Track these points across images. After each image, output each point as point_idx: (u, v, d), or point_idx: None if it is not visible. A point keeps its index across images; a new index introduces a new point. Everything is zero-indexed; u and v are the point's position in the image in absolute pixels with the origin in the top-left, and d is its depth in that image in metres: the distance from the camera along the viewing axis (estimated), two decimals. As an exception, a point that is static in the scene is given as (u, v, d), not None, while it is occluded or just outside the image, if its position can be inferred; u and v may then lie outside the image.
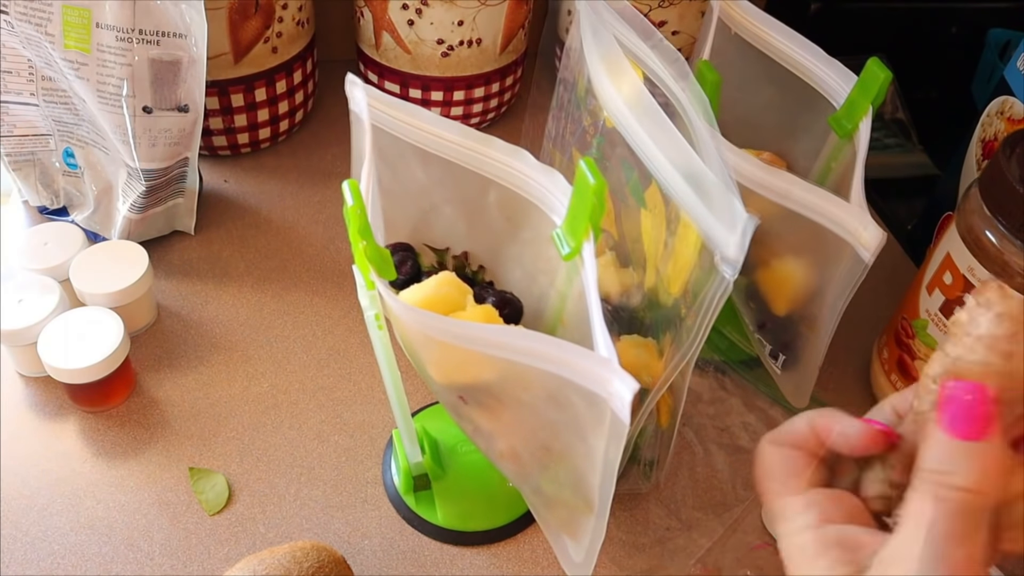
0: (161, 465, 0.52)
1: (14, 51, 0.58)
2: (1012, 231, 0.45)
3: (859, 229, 0.44)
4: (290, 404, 0.56)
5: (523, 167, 0.42)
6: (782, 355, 0.55)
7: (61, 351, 0.51)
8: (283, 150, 0.76)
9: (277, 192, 0.71)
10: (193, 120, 0.61)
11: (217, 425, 0.54)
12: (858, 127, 0.49)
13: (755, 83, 0.54)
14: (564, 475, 0.39)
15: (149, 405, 0.55)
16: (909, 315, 0.54)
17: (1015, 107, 0.60)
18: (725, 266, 0.36)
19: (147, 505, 0.49)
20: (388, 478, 0.52)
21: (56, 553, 0.47)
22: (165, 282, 0.63)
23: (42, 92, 0.60)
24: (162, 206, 0.64)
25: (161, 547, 0.48)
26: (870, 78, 0.48)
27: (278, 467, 0.52)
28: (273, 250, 0.66)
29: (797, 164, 0.57)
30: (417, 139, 0.44)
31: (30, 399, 0.54)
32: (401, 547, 0.49)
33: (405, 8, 0.69)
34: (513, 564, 0.49)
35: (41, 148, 0.64)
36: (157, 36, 0.57)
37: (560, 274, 0.42)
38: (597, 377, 0.31)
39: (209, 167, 0.72)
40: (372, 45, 0.73)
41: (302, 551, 0.43)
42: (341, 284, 0.63)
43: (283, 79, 0.71)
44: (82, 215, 0.65)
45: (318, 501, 0.51)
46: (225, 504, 0.50)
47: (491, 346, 0.33)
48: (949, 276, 0.50)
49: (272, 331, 0.60)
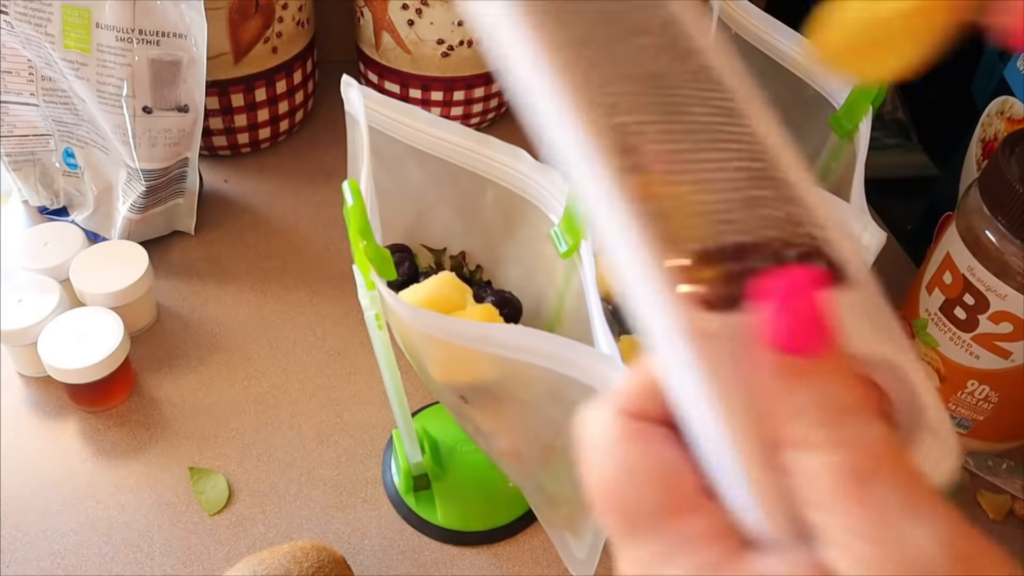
0: (161, 465, 0.52)
1: (14, 51, 0.58)
2: (1012, 231, 0.45)
3: (859, 230, 0.44)
4: (290, 404, 0.56)
5: (521, 166, 0.42)
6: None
7: (61, 351, 0.51)
8: (283, 150, 0.76)
9: (277, 192, 0.71)
10: (193, 120, 0.61)
11: (217, 425, 0.54)
12: (858, 127, 0.49)
13: (755, 83, 0.54)
14: (566, 472, 0.39)
15: (149, 405, 0.55)
16: (909, 315, 0.54)
17: (1015, 107, 0.60)
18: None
19: (147, 505, 0.49)
20: (388, 478, 0.52)
21: (56, 553, 0.47)
22: (165, 282, 0.63)
23: (42, 92, 0.60)
24: (162, 206, 0.64)
25: (161, 547, 0.48)
26: (870, 78, 0.48)
27: (278, 467, 0.52)
28: (273, 250, 0.66)
29: (797, 164, 0.57)
30: (414, 140, 0.44)
31: (30, 399, 0.54)
32: (401, 547, 0.49)
33: (405, 8, 0.69)
34: (513, 564, 0.49)
35: (41, 148, 0.64)
36: (157, 36, 0.57)
37: (558, 273, 0.42)
38: (600, 374, 0.31)
39: (209, 167, 0.72)
40: (372, 45, 0.73)
41: (302, 551, 0.43)
42: (341, 284, 0.63)
43: (283, 79, 0.71)
44: (82, 215, 0.65)
45: (318, 501, 0.51)
46: (225, 504, 0.50)
47: (494, 344, 0.33)
48: (949, 276, 0.50)
49: (272, 331, 0.60)
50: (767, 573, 0.15)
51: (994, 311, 0.48)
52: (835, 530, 0.15)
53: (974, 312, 0.49)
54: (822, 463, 0.15)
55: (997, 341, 0.49)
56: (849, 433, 0.15)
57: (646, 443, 0.17)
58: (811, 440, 0.15)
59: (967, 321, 0.49)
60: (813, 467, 0.15)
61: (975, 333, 0.49)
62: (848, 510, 0.15)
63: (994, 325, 0.48)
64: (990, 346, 0.49)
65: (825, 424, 0.15)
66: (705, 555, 0.16)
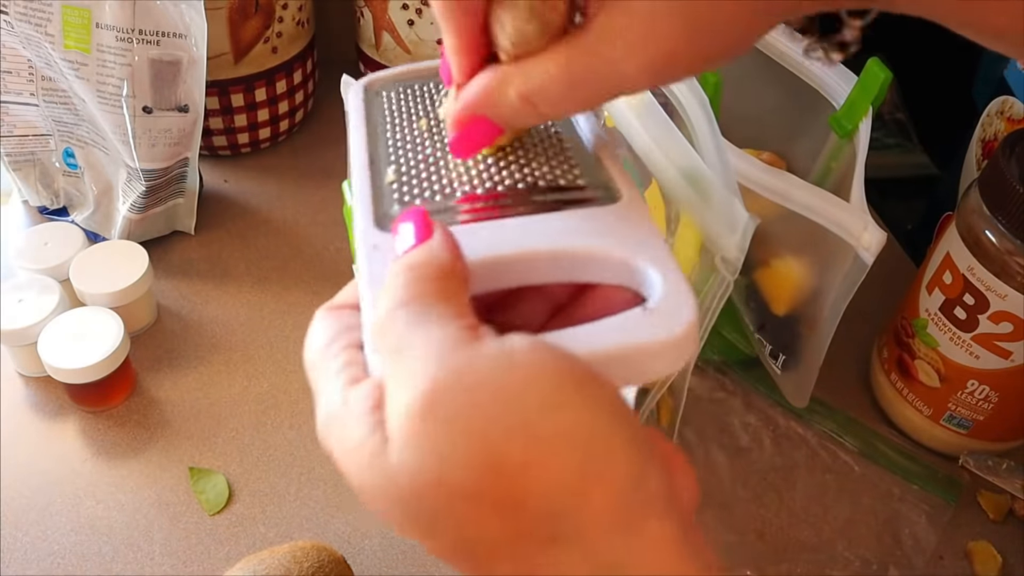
0: (161, 465, 0.52)
1: (14, 51, 0.58)
2: (1012, 231, 0.45)
3: (859, 230, 0.44)
4: (290, 404, 0.56)
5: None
6: (782, 355, 0.55)
7: (61, 351, 0.51)
8: (283, 150, 0.76)
9: (277, 192, 0.71)
10: (193, 120, 0.61)
11: (217, 425, 0.54)
12: (858, 127, 0.49)
13: (755, 83, 0.54)
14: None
15: (149, 405, 0.55)
16: (909, 315, 0.54)
17: (1015, 107, 0.60)
18: (725, 266, 0.36)
19: (147, 505, 0.49)
20: (388, 478, 0.52)
21: (56, 553, 0.47)
22: (165, 282, 0.63)
23: (42, 92, 0.60)
24: (162, 206, 0.64)
25: (161, 547, 0.48)
26: (870, 78, 0.48)
27: (278, 467, 0.52)
28: (273, 250, 0.66)
29: (797, 164, 0.57)
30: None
31: (30, 399, 0.54)
32: (401, 547, 0.49)
33: (405, 8, 0.69)
34: (513, 564, 0.49)
35: (41, 148, 0.64)
36: (157, 36, 0.57)
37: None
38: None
39: (209, 167, 0.72)
40: (372, 45, 0.73)
41: (302, 551, 0.43)
42: (341, 284, 0.62)
43: (283, 79, 0.71)
44: (82, 215, 0.65)
45: (318, 501, 0.51)
46: (225, 504, 0.50)
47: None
48: (949, 276, 0.50)
49: (272, 331, 0.60)
50: (355, 395, 0.22)
51: (994, 311, 0.48)
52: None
53: (974, 312, 0.49)
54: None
55: (997, 341, 0.49)
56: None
57: (335, 313, 0.26)
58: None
59: (967, 321, 0.49)
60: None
61: (975, 333, 0.49)
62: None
63: (994, 325, 0.48)
64: (990, 346, 0.49)
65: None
66: (334, 383, 0.23)
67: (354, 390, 0.22)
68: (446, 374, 0.20)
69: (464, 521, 0.20)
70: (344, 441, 0.22)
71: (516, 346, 0.20)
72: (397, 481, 0.20)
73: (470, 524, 0.20)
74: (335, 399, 0.23)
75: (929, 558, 0.51)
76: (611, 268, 0.25)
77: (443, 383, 0.20)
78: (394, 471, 0.20)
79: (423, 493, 0.20)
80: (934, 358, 0.52)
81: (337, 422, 0.22)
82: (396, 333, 0.21)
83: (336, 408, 0.22)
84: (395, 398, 0.20)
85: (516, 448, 0.19)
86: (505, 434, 0.19)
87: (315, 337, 0.25)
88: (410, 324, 0.21)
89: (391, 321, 0.22)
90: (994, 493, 0.54)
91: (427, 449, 0.19)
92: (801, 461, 0.55)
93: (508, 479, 0.19)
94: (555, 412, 0.19)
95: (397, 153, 0.30)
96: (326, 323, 0.25)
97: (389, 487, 0.20)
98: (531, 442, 0.19)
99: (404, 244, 0.23)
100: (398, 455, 0.20)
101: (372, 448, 0.20)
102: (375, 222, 0.27)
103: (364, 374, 0.23)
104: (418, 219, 0.24)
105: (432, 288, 0.22)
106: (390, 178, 0.28)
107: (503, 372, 0.20)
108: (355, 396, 0.22)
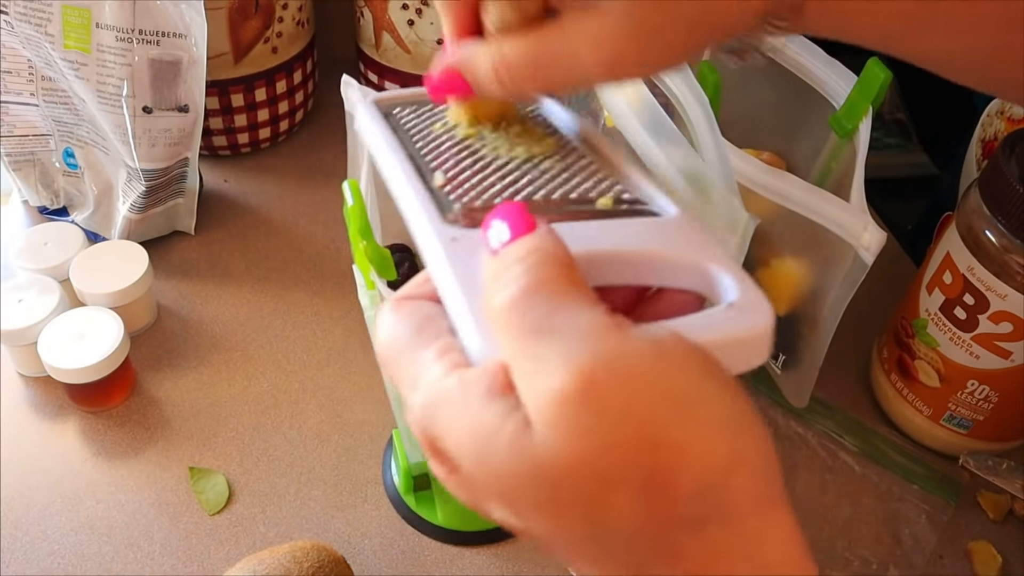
0: (161, 465, 0.52)
1: (14, 51, 0.58)
2: (1012, 231, 0.45)
3: (859, 230, 0.44)
4: (290, 404, 0.56)
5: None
6: (782, 355, 0.55)
7: (61, 351, 0.51)
8: (283, 150, 0.76)
9: (277, 192, 0.71)
10: (193, 120, 0.61)
11: (217, 425, 0.54)
12: (858, 127, 0.49)
13: (755, 83, 0.54)
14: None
15: (149, 405, 0.55)
16: (909, 315, 0.54)
17: (1015, 107, 0.60)
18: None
19: (147, 505, 0.49)
20: (388, 478, 0.52)
21: (56, 553, 0.47)
22: (165, 282, 0.63)
23: (42, 92, 0.60)
24: (162, 206, 0.64)
25: (161, 547, 0.48)
26: (870, 78, 0.48)
27: (278, 467, 0.52)
28: (273, 250, 0.66)
29: (797, 164, 0.57)
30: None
31: (30, 399, 0.54)
32: (401, 547, 0.49)
33: (405, 8, 0.69)
34: (513, 564, 0.49)
35: (41, 148, 0.64)
36: (157, 36, 0.57)
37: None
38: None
39: (209, 167, 0.72)
40: (372, 45, 0.73)
41: (302, 551, 0.43)
42: (341, 284, 0.63)
43: (283, 79, 0.71)
44: (82, 215, 0.65)
45: (318, 501, 0.51)
46: (225, 504, 0.50)
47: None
48: (949, 276, 0.50)
49: (272, 331, 0.60)
50: (471, 377, 0.22)
51: (994, 311, 0.48)
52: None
53: (974, 312, 0.49)
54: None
55: (997, 341, 0.49)
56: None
57: (411, 303, 0.25)
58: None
59: (967, 321, 0.49)
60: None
61: (975, 333, 0.49)
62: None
63: (994, 325, 0.48)
64: (990, 346, 0.49)
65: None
66: (434, 369, 0.22)
67: (467, 373, 0.22)
68: (600, 359, 0.20)
69: (609, 506, 0.20)
70: (465, 425, 0.21)
71: (662, 335, 0.21)
72: (543, 464, 0.20)
73: (614, 509, 0.20)
74: (443, 384, 0.22)
75: (929, 558, 0.51)
76: (685, 271, 0.26)
77: (598, 368, 0.20)
78: (540, 454, 0.20)
79: (571, 476, 0.20)
80: (934, 358, 0.52)
81: (450, 407, 0.22)
82: (535, 316, 0.21)
83: (447, 393, 0.22)
84: (538, 381, 0.20)
85: (673, 432, 0.20)
86: (663, 418, 0.20)
87: (397, 327, 0.24)
88: (552, 308, 0.21)
89: (528, 304, 0.21)
90: (994, 493, 0.54)
91: (580, 432, 0.19)
92: (801, 461, 0.55)
93: (663, 462, 0.20)
94: (708, 397, 0.20)
95: (437, 160, 0.30)
96: (405, 313, 0.25)
97: (532, 470, 0.20)
98: (689, 425, 0.20)
99: (500, 237, 0.23)
100: (544, 438, 0.20)
101: (511, 431, 0.20)
102: (442, 219, 0.26)
103: (464, 360, 0.23)
104: (516, 213, 0.23)
105: (559, 274, 0.22)
106: (440, 181, 0.29)
107: (656, 360, 0.20)
108: (471, 379, 0.22)
